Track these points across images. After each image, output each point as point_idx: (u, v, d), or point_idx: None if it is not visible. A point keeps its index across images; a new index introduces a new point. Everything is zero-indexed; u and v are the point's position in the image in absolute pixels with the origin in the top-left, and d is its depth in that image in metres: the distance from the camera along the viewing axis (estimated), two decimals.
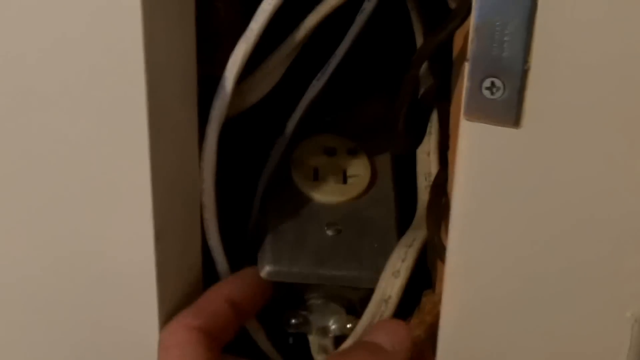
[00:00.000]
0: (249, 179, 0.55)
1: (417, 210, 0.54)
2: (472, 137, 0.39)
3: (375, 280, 0.51)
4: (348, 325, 0.52)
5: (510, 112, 0.38)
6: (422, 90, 0.54)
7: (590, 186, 0.39)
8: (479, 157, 0.39)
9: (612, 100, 0.37)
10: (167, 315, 0.48)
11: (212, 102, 0.48)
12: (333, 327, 0.53)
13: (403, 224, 0.54)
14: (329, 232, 0.52)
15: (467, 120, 0.39)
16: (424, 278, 0.54)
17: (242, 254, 0.55)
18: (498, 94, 0.38)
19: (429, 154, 0.55)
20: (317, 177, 0.54)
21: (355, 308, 0.53)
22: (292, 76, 0.52)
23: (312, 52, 0.51)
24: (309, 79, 0.53)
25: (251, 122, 0.52)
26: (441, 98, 0.53)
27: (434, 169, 0.54)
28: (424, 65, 0.53)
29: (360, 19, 0.50)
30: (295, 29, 0.49)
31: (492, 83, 0.38)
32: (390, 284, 0.51)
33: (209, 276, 0.52)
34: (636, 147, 0.37)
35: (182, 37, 0.46)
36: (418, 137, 0.55)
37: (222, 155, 0.50)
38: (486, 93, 0.38)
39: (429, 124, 0.55)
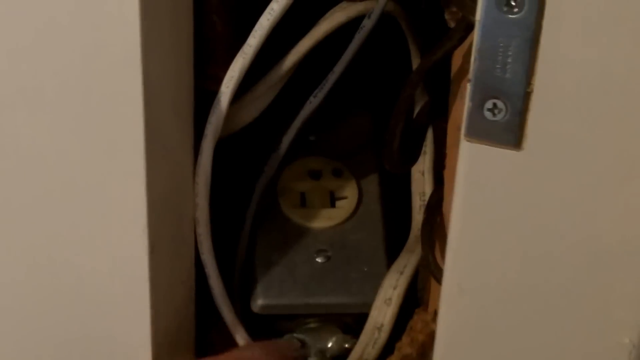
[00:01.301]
0: (241, 195, 0.55)
1: (411, 230, 0.54)
2: (472, 158, 0.39)
3: (364, 306, 0.51)
4: (346, 345, 0.52)
5: (511, 134, 0.38)
6: (417, 109, 0.54)
7: (590, 210, 0.38)
8: (478, 178, 0.39)
9: (613, 124, 0.37)
10: (159, 329, 0.48)
11: (208, 117, 0.48)
12: (331, 347, 0.52)
13: (395, 244, 0.54)
14: (319, 260, 0.52)
15: (468, 141, 0.38)
16: (413, 296, 0.54)
17: (234, 269, 0.54)
18: (500, 116, 0.37)
19: (423, 173, 0.55)
20: (304, 202, 0.54)
21: (351, 327, 0.53)
22: (283, 94, 0.51)
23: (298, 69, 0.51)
24: (299, 96, 0.53)
25: (243, 140, 0.52)
26: (436, 117, 0.53)
27: (428, 188, 0.54)
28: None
29: (359, 37, 0.49)
30: (288, 52, 0.49)
31: (494, 104, 0.37)
32: (383, 312, 0.51)
33: (201, 290, 0.52)
34: (636, 171, 0.37)
35: (178, 51, 0.46)
36: (413, 156, 0.55)
37: (215, 172, 0.49)
38: (488, 114, 0.38)
39: (424, 143, 0.55)
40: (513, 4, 0.36)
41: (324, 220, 0.54)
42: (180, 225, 0.49)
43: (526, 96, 0.37)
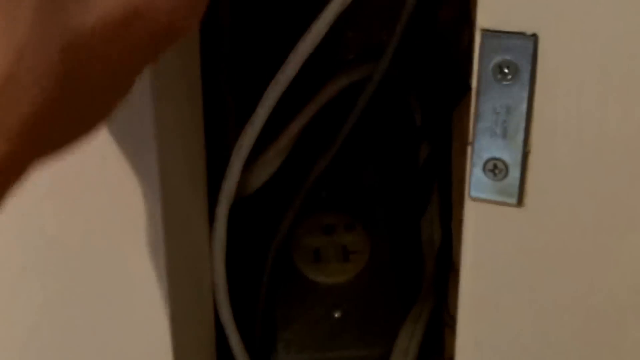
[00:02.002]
0: (256, 255, 0.56)
1: (424, 279, 0.56)
2: (477, 216, 0.40)
3: (383, 357, 0.53)
4: None
5: (513, 193, 0.39)
6: (421, 161, 0.56)
7: (593, 259, 0.40)
8: (484, 235, 0.41)
9: (609, 178, 0.38)
10: None
11: (222, 185, 0.50)
12: None
13: (408, 292, 0.56)
14: (335, 314, 0.54)
15: (472, 200, 0.40)
16: (429, 342, 0.55)
17: (254, 329, 0.56)
18: (501, 176, 0.39)
19: (431, 223, 0.56)
20: (318, 257, 0.56)
21: None
22: (293, 155, 0.53)
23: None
24: (307, 156, 0.55)
25: (256, 201, 0.54)
26: (441, 167, 0.54)
27: (437, 236, 0.56)
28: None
29: (363, 99, 0.51)
30: (295, 118, 0.51)
31: (495, 165, 0.39)
32: None
33: (222, 352, 0.53)
34: (634, 223, 0.39)
35: (190, 122, 0.48)
36: (421, 206, 0.57)
37: (230, 234, 0.51)
38: (489, 175, 0.39)
39: (431, 194, 0.56)
40: (507, 71, 0.38)
41: (339, 274, 0.55)
42: (200, 290, 0.51)
43: (524, 156, 0.39)
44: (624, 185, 0.38)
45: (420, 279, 0.56)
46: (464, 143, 0.46)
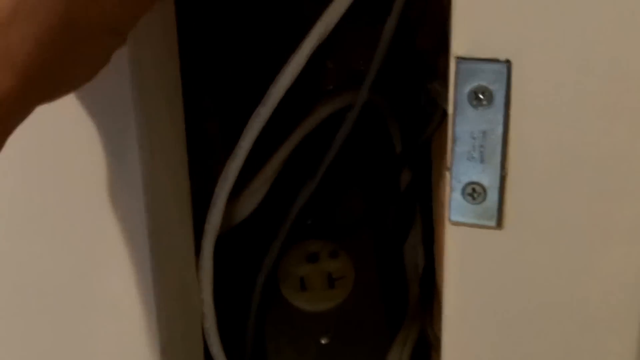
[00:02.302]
0: (244, 285, 0.57)
1: (409, 302, 0.57)
2: (458, 239, 0.41)
3: None
4: None
5: (491, 216, 0.40)
6: (403, 186, 0.57)
7: (569, 280, 0.41)
8: (465, 258, 0.41)
9: (584, 198, 0.39)
10: None
11: (207, 217, 0.51)
12: None
13: (394, 316, 0.56)
14: (323, 341, 0.55)
15: (453, 224, 0.41)
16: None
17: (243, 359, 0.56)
18: (479, 199, 0.40)
19: (415, 247, 0.57)
20: (304, 285, 0.56)
21: None
22: (277, 184, 0.54)
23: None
24: (291, 185, 0.56)
25: (242, 232, 0.55)
26: (422, 192, 0.55)
27: (420, 260, 0.57)
28: None
29: (345, 128, 0.52)
30: (277, 149, 0.52)
31: (473, 189, 0.40)
32: None
33: None
34: (611, 242, 0.40)
35: (175, 154, 0.49)
36: (404, 231, 0.58)
37: (217, 265, 0.52)
38: (468, 199, 0.40)
39: (414, 218, 0.57)
40: (482, 97, 0.39)
41: (325, 302, 0.56)
42: (188, 321, 0.51)
43: (502, 180, 0.40)
44: (599, 205, 0.39)
45: (406, 302, 0.57)
46: (443, 168, 0.47)
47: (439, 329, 0.47)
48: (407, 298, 0.57)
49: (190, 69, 0.50)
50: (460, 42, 0.39)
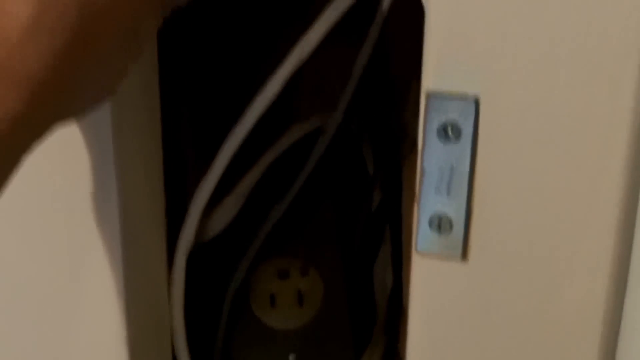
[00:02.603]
0: (214, 300, 0.58)
1: (377, 321, 0.57)
2: (423, 270, 0.42)
3: None
4: None
5: (457, 248, 0.41)
6: (374, 206, 0.58)
7: (531, 312, 0.42)
8: (431, 288, 0.42)
9: (547, 234, 0.40)
10: None
11: (180, 233, 0.51)
12: None
13: (362, 335, 0.57)
14: (291, 358, 0.55)
15: (419, 254, 0.42)
16: None
17: None
18: (446, 232, 0.41)
19: (384, 268, 0.58)
20: (273, 302, 0.57)
21: None
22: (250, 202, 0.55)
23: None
24: (264, 202, 0.56)
25: (214, 247, 0.55)
26: (393, 214, 0.56)
27: (389, 281, 0.58)
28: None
29: (318, 150, 0.53)
30: (251, 168, 0.53)
31: (440, 221, 0.41)
32: None
33: None
34: (573, 275, 0.41)
35: (150, 169, 0.50)
36: (374, 251, 0.59)
37: (188, 280, 0.52)
38: (434, 230, 0.41)
39: (383, 239, 0.58)
40: (450, 132, 0.40)
41: (294, 319, 0.57)
42: (158, 336, 0.52)
43: (468, 213, 0.41)
44: (562, 239, 0.40)
45: (373, 322, 0.58)
46: (413, 191, 0.48)
47: (404, 350, 0.48)
48: (374, 317, 0.58)
49: (167, 86, 0.50)
50: (431, 77, 0.40)
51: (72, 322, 0.48)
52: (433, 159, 0.40)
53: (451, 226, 0.41)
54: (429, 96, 0.40)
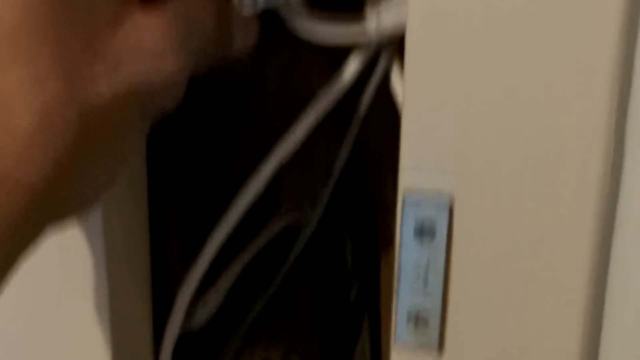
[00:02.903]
0: None
1: None
2: None
3: None
4: None
5: (433, 340, 0.43)
6: (353, 294, 0.60)
7: None
8: None
9: (522, 328, 0.43)
10: None
11: (166, 325, 0.53)
12: None
13: None
14: None
15: (397, 346, 0.44)
16: None
17: None
18: (422, 324, 0.43)
19: (364, 355, 0.60)
20: None
21: None
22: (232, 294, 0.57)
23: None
24: (246, 294, 0.58)
25: (194, 341, 0.57)
26: (371, 304, 0.58)
27: None
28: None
29: (299, 245, 0.55)
30: (234, 260, 0.55)
31: (417, 316, 0.43)
32: None
33: None
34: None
35: (137, 262, 0.52)
36: (354, 337, 0.60)
37: None
38: (411, 324, 0.43)
39: (362, 326, 0.60)
40: (425, 230, 0.42)
41: None
42: None
43: (443, 308, 0.43)
44: (535, 331, 0.42)
45: None
46: (391, 284, 0.50)
47: None
48: None
49: (153, 175, 0.53)
50: (407, 177, 0.42)
51: None
52: (409, 256, 0.42)
53: (427, 320, 0.43)
54: (404, 194, 0.42)
